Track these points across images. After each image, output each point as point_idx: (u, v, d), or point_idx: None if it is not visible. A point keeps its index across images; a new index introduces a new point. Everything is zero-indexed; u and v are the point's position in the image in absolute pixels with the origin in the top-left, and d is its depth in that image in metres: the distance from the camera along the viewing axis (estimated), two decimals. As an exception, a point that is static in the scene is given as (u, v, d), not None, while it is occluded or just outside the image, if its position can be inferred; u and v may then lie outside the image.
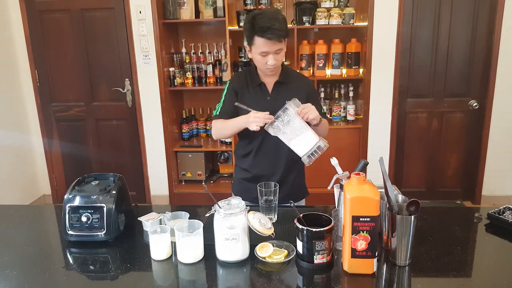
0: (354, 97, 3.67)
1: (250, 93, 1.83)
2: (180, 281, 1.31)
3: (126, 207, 1.61)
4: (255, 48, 1.69)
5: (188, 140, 3.93)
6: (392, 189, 1.31)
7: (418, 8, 3.36)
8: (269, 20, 1.64)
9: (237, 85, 1.86)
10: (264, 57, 1.69)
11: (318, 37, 3.65)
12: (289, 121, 1.57)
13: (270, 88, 1.83)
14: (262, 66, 1.74)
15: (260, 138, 1.84)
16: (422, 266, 1.29)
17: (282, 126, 1.58)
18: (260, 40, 1.66)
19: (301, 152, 1.60)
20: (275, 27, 1.63)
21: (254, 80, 1.83)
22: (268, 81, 1.83)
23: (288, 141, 1.60)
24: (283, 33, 1.66)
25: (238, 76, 1.93)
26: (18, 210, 1.96)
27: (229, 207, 1.35)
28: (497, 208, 1.58)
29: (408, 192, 1.70)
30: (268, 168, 1.87)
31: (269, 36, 1.63)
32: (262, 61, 1.71)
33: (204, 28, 3.85)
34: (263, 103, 1.80)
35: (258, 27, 1.64)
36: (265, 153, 1.86)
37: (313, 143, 1.56)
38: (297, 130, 1.57)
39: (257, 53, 1.70)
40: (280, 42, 1.67)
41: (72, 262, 1.42)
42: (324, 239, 1.25)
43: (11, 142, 3.62)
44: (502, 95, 3.41)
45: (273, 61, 1.69)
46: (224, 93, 1.88)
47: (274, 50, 1.67)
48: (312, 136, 1.58)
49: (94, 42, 3.59)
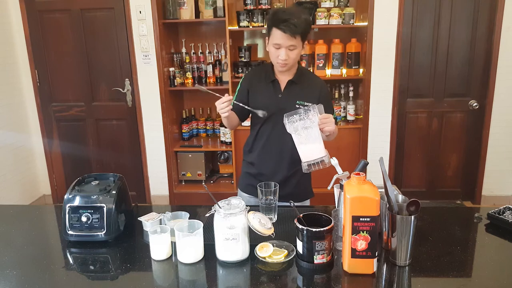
0: (354, 97, 3.67)
1: (263, 88, 1.87)
2: (180, 281, 1.31)
3: (126, 207, 1.61)
4: (271, 39, 1.73)
5: (188, 140, 3.93)
6: (392, 189, 1.31)
7: (418, 8, 3.36)
8: (289, 14, 1.68)
9: (252, 78, 1.91)
10: (277, 50, 1.72)
11: (318, 37, 3.65)
12: (308, 127, 1.58)
13: (282, 86, 1.85)
14: (274, 60, 1.77)
15: (266, 134, 1.87)
16: (422, 266, 1.29)
17: (300, 128, 1.59)
18: (275, 31, 1.69)
19: (304, 159, 1.61)
20: (292, 21, 1.65)
21: (268, 76, 1.87)
22: (282, 79, 1.86)
23: (299, 143, 1.61)
24: (299, 29, 1.67)
25: (254, 70, 1.99)
26: (18, 210, 1.96)
27: (229, 207, 1.35)
28: (497, 208, 1.58)
29: (408, 192, 1.70)
30: (273, 166, 1.89)
31: (284, 29, 1.66)
32: (274, 54, 1.75)
33: (204, 28, 3.85)
34: (274, 100, 1.83)
35: (277, 18, 1.68)
36: (270, 151, 1.89)
37: (320, 156, 1.58)
38: (311, 138, 1.58)
39: (272, 45, 1.74)
40: (294, 38, 1.68)
41: (72, 262, 1.42)
42: (324, 239, 1.25)
43: (11, 142, 3.62)
44: (502, 95, 3.41)
45: (284, 55, 1.71)
46: (238, 87, 1.93)
47: (287, 45, 1.69)
48: (321, 149, 1.59)
49: (94, 42, 3.59)
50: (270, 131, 1.86)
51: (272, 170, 1.88)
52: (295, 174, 1.90)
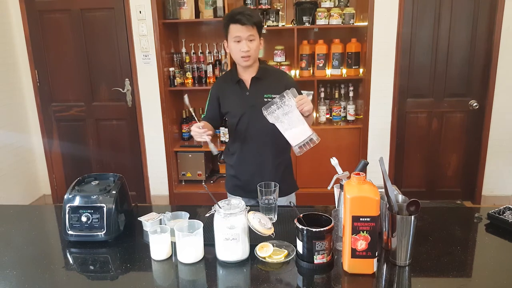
0: (354, 97, 3.67)
1: (231, 90, 1.93)
2: (180, 281, 1.31)
3: (126, 207, 1.61)
4: (230, 36, 1.81)
5: (188, 140, 3.93)
6: (392, 189, 1.31)
7: (418, 8, 3.36)
8: (241, 9, 1.82)
9: (220, 85, 1.99)
10: (238, 43, 1.79)
11: (318, 37, 3.65)
12: (288, 112, 1.62)
13: (248, 84, 1.91)
14: (237, 55, 1.83)
15: (242, 133, 1.91)
16: (422, 266, 1.29)
17: (281, 115, 1.63)
18: (233, 27, 1.78)
19: (294, 142, 1.65)
20: (246, 13, 1.77)
21: (233, 78, 1.93)
22: (246, 78, 1.92)
23: (284, 130, 1.65)
24: (254, 19, 1.78)
25: (221, 77, 2.08)
26: (18, 210, 1.96)
27: (229, 207, 1.35)
28: (497, 208, 1.58)
29: (408, 192, 1.70)
30: (254, 163, 1.93)
31: (240, 19, 1.75)
32: (236, 49, 1.81)
33: (204, 28, 3.85)
34: (243, 98, 1.90)
35: (231, 14, 1.79)
36: (249, 149, 1.93)
37: (307, 135, 1.63)
38: (294, 122, 1.63)
39: (232, 41, 1.80)
40: (252, 28, 1.77)
41: (72, 262, 1.42)
42: (324, 239, 1.25)
43: (11, 142, 3.61)
44: (502, 95, 3.41)
45: (246, 47, 1.78)
46: (208, 97, 2.00)
47: (247, 35, 1.77)
48: (306, 129, 1.64)
49: (94, 42, 3.59)
50: (245, 130, 1.90)
51: (254, 166, 1.92)
52: (278, 167, 1.94)
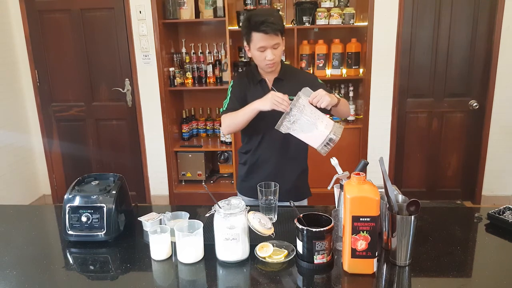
0: (354, 97, 3.67)
1: (252, 91, 1.85)
2: (180, 281, 1.31)
3: (126, 207, 1.61)
4: (253, 44, 1.72)
5: (188, 140, 3.93)
6: (392, 189, 1.31)
7: (418, 8, 3.36)
8: (264, 15, 1.69)
9: (240, 82, 1.89)
10: (262, 52, 1.72)
11: (318, 37, 3.65)
12: (295, 121, 1.54)
13: (270, 85, 1.85)
14: (261, 63, 1.77)
15: (261, 133, 1.86)
16: (422, 266, 1.29)
17: (290, 125, 1.55)
18: (257, 35, 1.69)
19: (314, 144, 1.59)
20: (270, 20, 1.67)
21: (254, 78, 1.86)
22: (268, 78, 1.86)
23: (300, 137, 1.59)
24: (278, 26, 1.70)
25: (239, 75, 1.97)
26: (18, 210, 1.95)
27: (229, 207, 1.35)
28: (497, 208, 1.58)
29: (408, 192, 1.70)
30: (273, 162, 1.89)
31: (265, 29, 1.66)
32: (260, 57, 1.74)
33: (204, 28, 3.85)
34: None
35: (254, 22, 1.69)
36: (267, 149, 1.88)
37: (324, 137, 1.54)
38: (305, 127, 1.54)
39: (256, 49, 1.73)
40: (276, 36, 1.70)
41: (72, 262, 1.42)
42: (324, 239, 1.25)
43: (11, 142, 3.61)
44: (502, 95, 3.41)
45: (271, 55, 1.72)
46: (229, 90, 1.91)
47: (272, 44, 1.70)
48: (322, 130, 1.54)
49: (94, 42, 3.59)
50: (264, 130, 1.84)
51: (271, 168, 1.88)
52: (294, 171, 1.91)
